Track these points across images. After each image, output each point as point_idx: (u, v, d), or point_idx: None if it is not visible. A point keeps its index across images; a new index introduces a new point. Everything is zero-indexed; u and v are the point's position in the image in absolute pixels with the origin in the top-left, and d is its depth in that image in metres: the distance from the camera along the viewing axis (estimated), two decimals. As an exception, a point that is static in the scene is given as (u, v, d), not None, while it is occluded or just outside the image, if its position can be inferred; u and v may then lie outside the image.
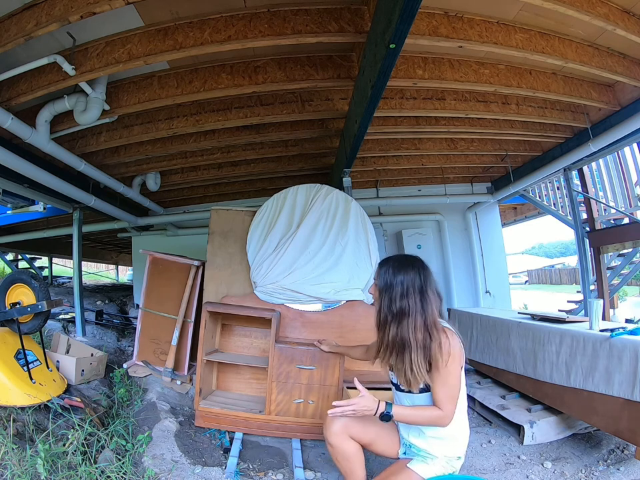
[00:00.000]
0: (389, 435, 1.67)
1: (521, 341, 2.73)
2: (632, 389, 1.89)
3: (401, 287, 1.49)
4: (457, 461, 1.55)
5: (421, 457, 1.56)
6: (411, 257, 1.58)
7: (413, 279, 1.49)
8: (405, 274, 1.50)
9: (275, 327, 2.54)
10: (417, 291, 1.47)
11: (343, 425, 1.60)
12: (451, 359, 1.41)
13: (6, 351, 2.34)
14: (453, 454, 1.54)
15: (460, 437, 1.56)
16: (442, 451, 1.53)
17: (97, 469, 1.80)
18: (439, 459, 1.53)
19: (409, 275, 1.50)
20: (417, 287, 1.48)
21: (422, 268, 1.52)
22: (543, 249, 50.47)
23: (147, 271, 3.55)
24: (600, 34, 2.77)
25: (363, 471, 1.64)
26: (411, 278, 1.49)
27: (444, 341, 1.42)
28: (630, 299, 12.57)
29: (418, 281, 1.48)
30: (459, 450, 1.56)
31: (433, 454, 1.53)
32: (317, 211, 2.93)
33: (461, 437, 1.56)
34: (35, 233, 7.04)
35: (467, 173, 5.71)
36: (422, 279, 1.49)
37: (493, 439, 2.45)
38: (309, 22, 2.35)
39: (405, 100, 3.37)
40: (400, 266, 1.53)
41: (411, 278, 1.49)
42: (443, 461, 1.53)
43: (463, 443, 1.58)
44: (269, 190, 5.06)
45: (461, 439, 1.57)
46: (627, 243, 4.28)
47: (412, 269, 1.51)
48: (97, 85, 2.78)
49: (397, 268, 1.53)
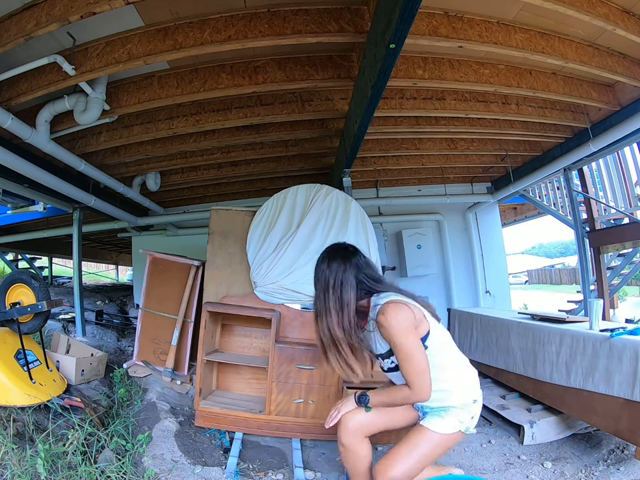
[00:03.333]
0: (402, 408, 1.61)
1: (521, 341, 2.73)
2: (632, 389, 1.88)
3: (320, 284, 1.50)
4: (473, 404, 1.50)
5: (435, 413, 1.51)
6: (327, 250, 1.58)
7: (327, 276, 1.48)
8: (319, 274, 1.51)
9: (274, 327, 2.54)
10: (330, 288, 1.47)
11: (358, 422, 1.55)
12: (396, 333, 1.37)
13: (6, 351, 2.34)
14: (466, 399, 1.49)
15: (465, 382, 1.52)
16: (453, 401, 1.48)
17: (97, 469, 1.80)
18: (454, 409, 1.48)
19: (322, 273, 1.51)
20: (331, 284, 1.47)
21: (340, 259, 1.51)
22: (543, 249, 50.49)
23: (147, 271, 3.55)
24: (600, 34, 2.77)
25: (369, 472, 1.59)
26: (325, 275, 1.49)
27: (381, 321, 1.39)
28: (630, 299, 12.57)
29: (332, 278, 1.47)
30: (471, 394, 1.51)
31: (446, 406, 1.49)
32: (316, 211, 2.93)
33: (465, 382, 1.52)
34: (35, 232, 7.03)
35: (467, 173, 5.71)
36: (337, 272, 1.48)
37: (493, 438, 2.45)
38: (309, 22, 2.35)
39: (404, 100, 3.37)
40: (317, 264, 1.55)
41: (325, 275, 1.49)
42: (457, 409, 1.48)
43: (472, 385, 1.53)
44: (268, 190, 5.05)
45: (467, 383, 1.53)
46: (626, 243, 4.28)
47: (327, 264, 1.51)
48: (97, 85, 2.78)
49: (317, 266, 1.54)
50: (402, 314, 1.38)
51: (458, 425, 1.47)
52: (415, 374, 1.39)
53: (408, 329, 1.38)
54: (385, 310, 1.39)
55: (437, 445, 1.47)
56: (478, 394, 1.54)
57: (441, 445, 1.48)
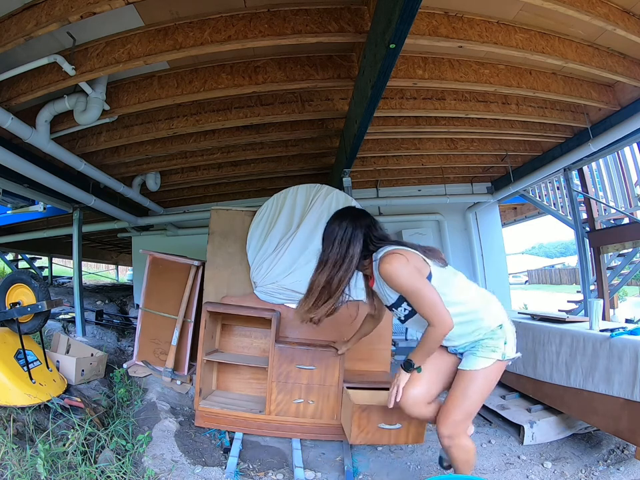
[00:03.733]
0: (443, 359, 1.66)
1: (521, 341, 2.71)
2: (632, 388, 1.88)
3: (328, 238, 1.61)
4: (500, 330, 1.54)
5: (468, 352, 1.57)
6: (340, 210, 1.69)
7: (336, 232, 1.58)
8: (328, 230, 1.62)
9: (274, 327, 2.54)
10: (337, 243, 1.57)
11: (415, 395, 1.60)
12: (399, 277, 1.44)
13: (6, 351, 2.34)
14: (490, 327, 1.54)
15: (484, 311, 1.56)
16: (479, 334, 1.54)
17: (97, 469, 1.80)
18: (482, 341, 1.54)
19: (331, 229, 1.61)
20: (338, 239, 1.57)
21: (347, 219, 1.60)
22: (543, 249, 50.47)
23: (147, 271, 3.55)
24: (600, 34, 2.77)
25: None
26: (334, 230, 1.59)
27: (383, 271, 1.46)
28: (630, 299, 12.56)
29: (341, 234, 1.57)
30: (494, 320, 1.55)
31: (474, 341, 1.55)
32: (317, 211, 2.92)
33: (485, 311, 1.56)
34: (35, 232, 7.04)
35: (467, 173, 5.70)
36: (346, 229, 1.57)
37: (493, 438, 2.45)
38: (309, 22, 2.35)
39: (404, 100, 3.36)
40: (329, 223, 1.65)
41: (334, 230, 1.59)
42: (486, 340, 1.53)
43: (493, 312, 1.58)
44: (268, 190, 5.05)
45: (487, 310, 1.57)
46: (626, 243, 4.28)
47: (339, 222, 1.60)
48: (97, 84, 2.78)
49: (328, 224, 1.65)
50: (398, 260, 1.45)
51: (493, 355, 1.52)
52: (428, 308, 1.43)
53: (410, 271, 1.45)
54: (383, 261, 1.47)
55: (483, 382, 1.53)
56: (502, 318, 1.58)
57: (487, 380, 1.54)
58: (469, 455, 1.58)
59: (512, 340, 1.57)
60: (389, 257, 1.47)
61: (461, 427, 1.54)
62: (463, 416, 1.54)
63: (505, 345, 1.54)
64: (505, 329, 1.56)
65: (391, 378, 1.68)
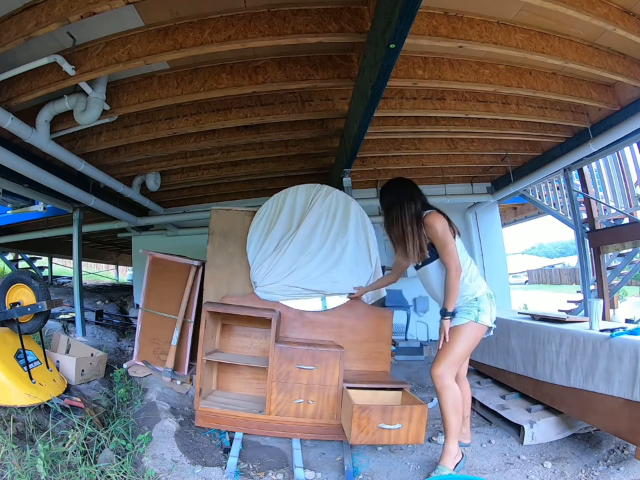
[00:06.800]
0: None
1: (521, 341, 2.73)
2: (632, 388, 1.88)
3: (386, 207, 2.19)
4: (475, 301, 2.03)
5: (461, 311, 2.04)
6: (389, 185, 2.25)
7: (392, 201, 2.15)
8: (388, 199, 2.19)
9: (274, 326, 2.54)
10: (396, 206, 2.12)
11: (441, 372, 1.99)
12: (437, 229, 1.99)
13: (6, 351, 2.34)
14: (483, 291, 2.05)
15: (479, 280, 2.08)
16: (463, 296, 2.03)
17: (97, 469, 1.80)
18: (475, 302, 2.03)
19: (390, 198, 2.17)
20: (396, 203, 2.13)
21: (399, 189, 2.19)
22: (543, 249, 50.40)
23: (147, 271, 3.55)
24: (600, 34, 2.77)
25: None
26: (391, 200, 2.16)
27: (427, 222, 2.03)
28: (630, 299, 12.55)
29: (396, 200, 2.13)
30: (477, 289, 2.04)
31: (469, 301, 2.04)
32: (317, 211, 2.93)
33: (479, 280, 2.08)
34: (35, 233, 7.03)
35: (467, 173, 5.70)
36: (400, 197, 2.13)
37: (493, 438, 2.44)
38: (309, 22, 2.35)
39: (404, 100, 3.37)
40: (383, 194, 2.24)
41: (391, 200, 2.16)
42: (477, 302, 2.03)
43: (478, 284, 2.07)
44: (269, 190, 5.05)
45: (475, 281, 2.06)
46: (626, 243, 4.28)
47: (391, 193, 2.19)
48: (97, 84, 2.78)
49: (382, 196, 2.24)
50: (439, 219, 2.03)
51: (468, 317, 2.00)
52: (449, 257, 1.97)
53: (444, 227, 2.01)
54: (429, 216, 2.04)
55: (463, 337, 1.99)
56: (482, 292, 2.06)
57: (466, 337, 2.00)
58: (456, 399, 1.98)
59: (487, 310, 2.03)
60: (433, 214, 2.05)
61: (448, 370, 1.99)
62: (449, 362, 2.00)
63: (479, 312, 2.01)
64: (480, 300, 2.04)
65: (391, 378, 1.71)
